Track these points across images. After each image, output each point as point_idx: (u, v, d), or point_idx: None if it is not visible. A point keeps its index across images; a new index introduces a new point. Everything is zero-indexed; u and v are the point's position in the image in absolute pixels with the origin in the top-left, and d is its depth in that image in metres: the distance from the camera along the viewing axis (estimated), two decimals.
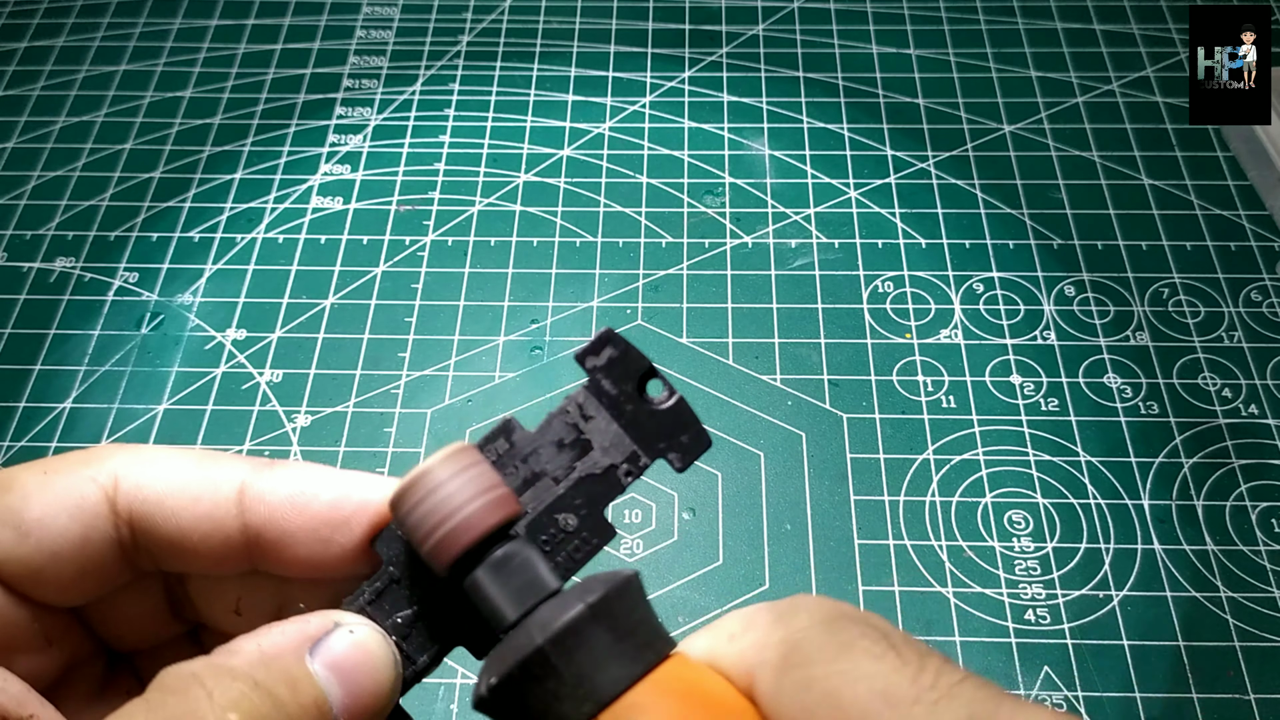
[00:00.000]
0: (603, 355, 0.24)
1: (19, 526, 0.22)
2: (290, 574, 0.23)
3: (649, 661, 0.20)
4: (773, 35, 0.53)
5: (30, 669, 0.22)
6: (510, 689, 0.20)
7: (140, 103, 0.51)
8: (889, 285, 0.43)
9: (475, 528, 0.21)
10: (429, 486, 0.21)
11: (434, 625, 0.23)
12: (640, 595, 0.22)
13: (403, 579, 0.23)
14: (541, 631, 0.20)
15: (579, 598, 0.21)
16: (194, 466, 0.23)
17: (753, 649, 0.20)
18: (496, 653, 0.21)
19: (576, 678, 0.20)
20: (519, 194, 0.47)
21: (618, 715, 0.20)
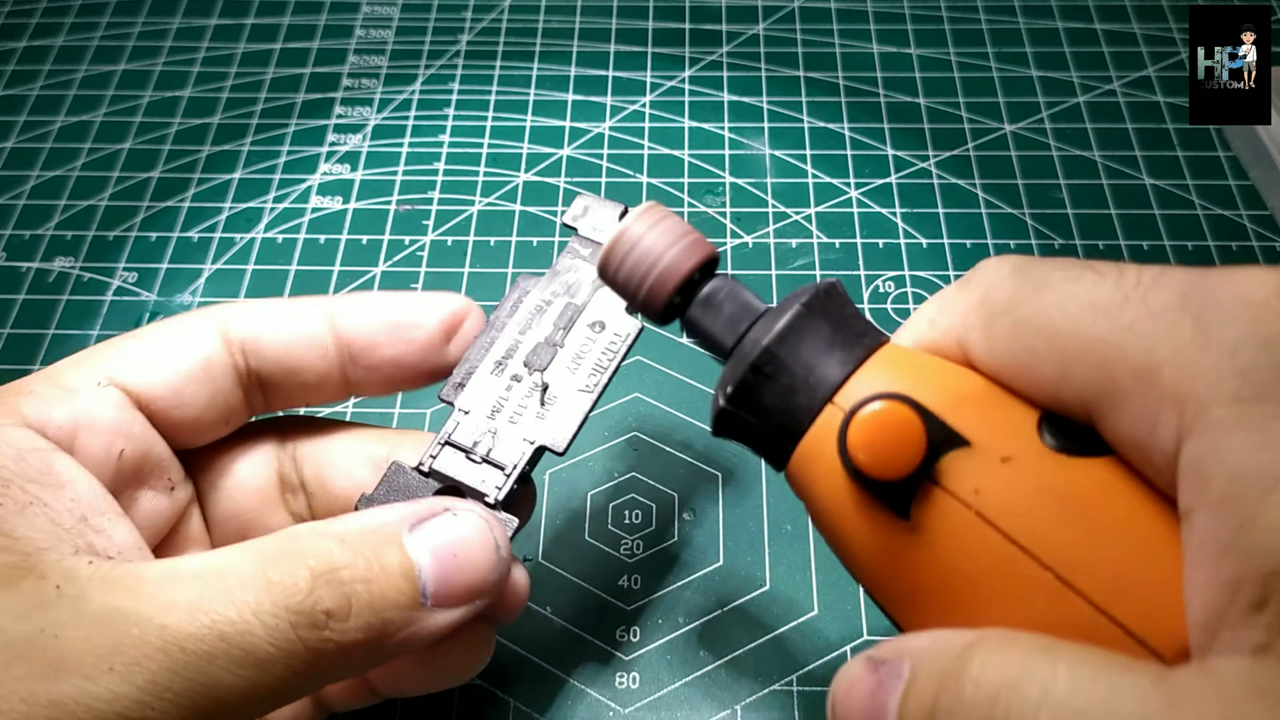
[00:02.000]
0: (583, 210, 0.29)
1: (156, 351, 0.25)
2: (379, 378, 0.27)
3: (868, 347, 0.22)
4: (773, 35, 0.53)
5: (151, 507, 0.25)
6: (747, 392, 0.22)
7: (139, 102, 0.51)
8: (890, 285, 0.43)
9: (680, 269, 0.23)
10: (631, 241, 0.24)
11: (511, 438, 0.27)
12: (846, 297, 0.23)
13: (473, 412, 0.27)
14: (766, 334, 0.22)
15: (792, 303, 0.22)
16: (286, 302, 0.27)
17: (955, 322, 0.21)
18: (727, 370, 0.23)
19: (806, 369, 0.21)
20: (519, 194, 0.47)
21: (850, 396, 0.21)
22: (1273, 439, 0.15)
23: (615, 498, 0.37)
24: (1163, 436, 0.17)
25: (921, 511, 0.19)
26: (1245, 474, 0.15)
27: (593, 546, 0.35)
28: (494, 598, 0.24)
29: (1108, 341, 0.18)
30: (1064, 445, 0.19)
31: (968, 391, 0.20)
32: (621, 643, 0.33)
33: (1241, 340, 0.16)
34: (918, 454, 0.19)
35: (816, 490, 0.21)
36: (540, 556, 0.35)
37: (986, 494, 0.19)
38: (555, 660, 0.33)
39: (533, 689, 0.32)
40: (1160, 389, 0.17)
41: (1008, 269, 0.20)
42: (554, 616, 0.34)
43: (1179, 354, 0.17)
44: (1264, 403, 0.16)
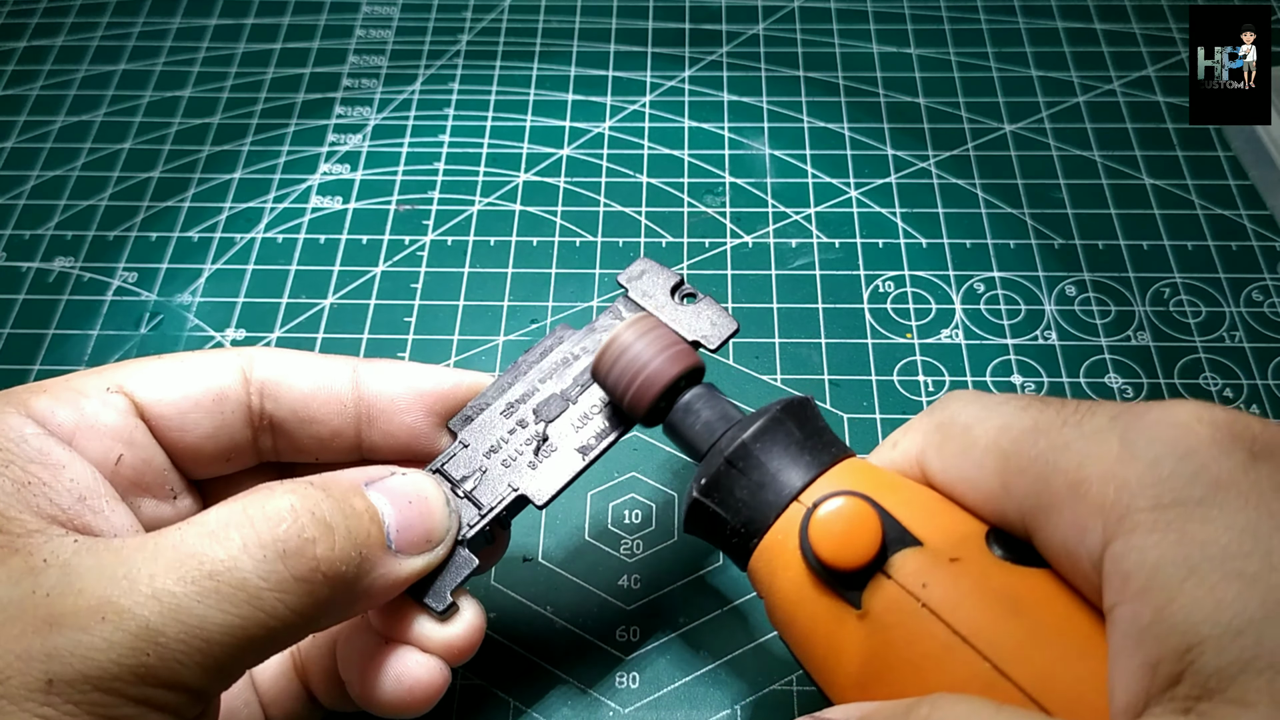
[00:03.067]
0: (639, 273, 0.30)
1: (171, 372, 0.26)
2: (393, 444, 0.28)
3: (835, 456, 0.24)
4: (773, 35, 0.53)
5: (154, 515, 0.25)
6: (719, 485, 0.24)
7: (139, 102, 0.51)
8: (890, 285, 0.43)
9: (663, 377, 0.25)
10: (621, 348, 0.26)
11: (497, 480, 0.27)
12: (817, 412, 0.25)
13: (472, 446, 0.27)
14: (743, 432, 0.24)
15: (767, 411, 0.24)
16: (313, 354, 0.28)
17: (914, 443, 0.23)
18: (702, 465, 0.25)
19: (776, 468, 0.23)
20: (519, 193, 0.47)
21: (814, 495, 0.22)
22: (1187, 537, 0.17)
23: (615, 498, 0.37)
24: (1090, 544, 0.18)
25: (873, 601, 0.21)
26: (1162, 567, 0.17)
27: (593, 546, 0.35)
28: (448, 549, 0.25)
29: (1044, 459, 0.20)
30: (1008, 555, 0.21)
31: (923, 501, 0.22)
32: (621, 643, 0.33)
33: (1161, 455, 0.18)
34: (873, 547, 0.21)
35: (776, 582, 0.22)
36: (540, 556, 0.35)
37: (934, 588, 0.20)
38: (555, 660, 0.33)
39: (533, 689, 0.32)
40: (1088, 500, 0.18)
41: (966, 399, 0.22)
42: (554, 616, 0.34)
43: (1106, 467, 0.18)
44: (1180, 506, 0.17)
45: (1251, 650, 0.15)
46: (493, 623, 0.34)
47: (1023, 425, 0.20)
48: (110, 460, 0.24)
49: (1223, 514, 0.17)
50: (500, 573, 0.35)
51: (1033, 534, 0.20)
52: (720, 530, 0.24)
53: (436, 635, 0.25)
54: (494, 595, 0.34)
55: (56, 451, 0.23)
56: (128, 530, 0.23)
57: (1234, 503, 0.17)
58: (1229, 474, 0.17)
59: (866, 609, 0.21)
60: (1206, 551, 0.16)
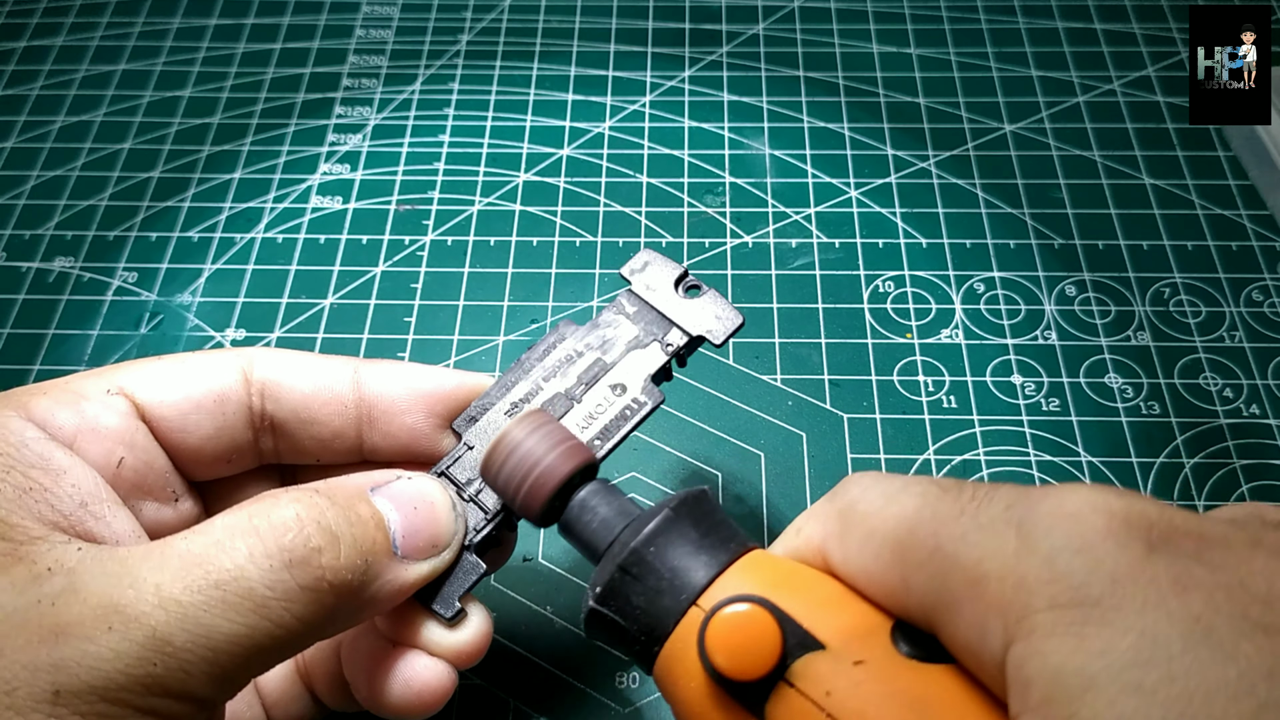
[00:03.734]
0: (642, 265, 0.29)
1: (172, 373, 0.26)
2: (394, 445, 0.27)
3: (734, 552, 0.22)
4: (773, 35, 0.53)
5: (155, 518, 0.25)
6: (615, 593, 0.23)
7: (139, 102, 0.51)
8: (890, 285, 0.43)
9: (556, 474, 0.24)
10: (510, 447, 0.25)
11: None
12: (715, 504, 0.24)
13: (477, 447, 0.27)
14: (634, 537, 0.23)
15: (660, 509, 0.23)
16: (315, 355, 0.27)
17: (816, 530, 0.22)
18: (597, 571, 0.24)
19: (672, 571, 0.22)
20: (519, 193, 0.47)
21: (713, 598, 0.22)
22: (1085, 643, 0.16)
23: None
24: (991, 643, 0.18)
25: (776, 712, 0.20)
26: (1062, 677, 0.16)
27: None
28: (455, 554, 0.25)
29: (943, 552, 0.19)
30: (914, 652, 0.20)
31: (826, 596, 0.21)
32: None
33: (1057, 549, 0.17)
34: (773, 655, 0.20)
35: (679, 692, 0.22)
36: (540, 556, 0.35)
37: (838, 695, 0.19)
38: (555, 660, 0.33)
39: (533, 689, 0.32)
40: (987, 598, 0.18)
41: (866, 483, 0.22)
42: (554, 616, 0.34)
43: (1003, 563, 0.18)
44: (1077, 608, 0.17)
45: None
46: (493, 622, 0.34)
47: (921, 515, 0.20)
48: (112, 463, 0.24)
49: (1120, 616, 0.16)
50: (500, 573, 0.35)
51: (936, 630, 0.19)
52: (622, 637, 0.23)
53: (444, 641, 0.25)
54: (494, 595, 0.34)
55: (58, 456, 0.22)
56: (130, 535, 0.23)
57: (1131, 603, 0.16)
58: (1125, 569, 0.17)
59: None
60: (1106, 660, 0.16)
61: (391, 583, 0.23)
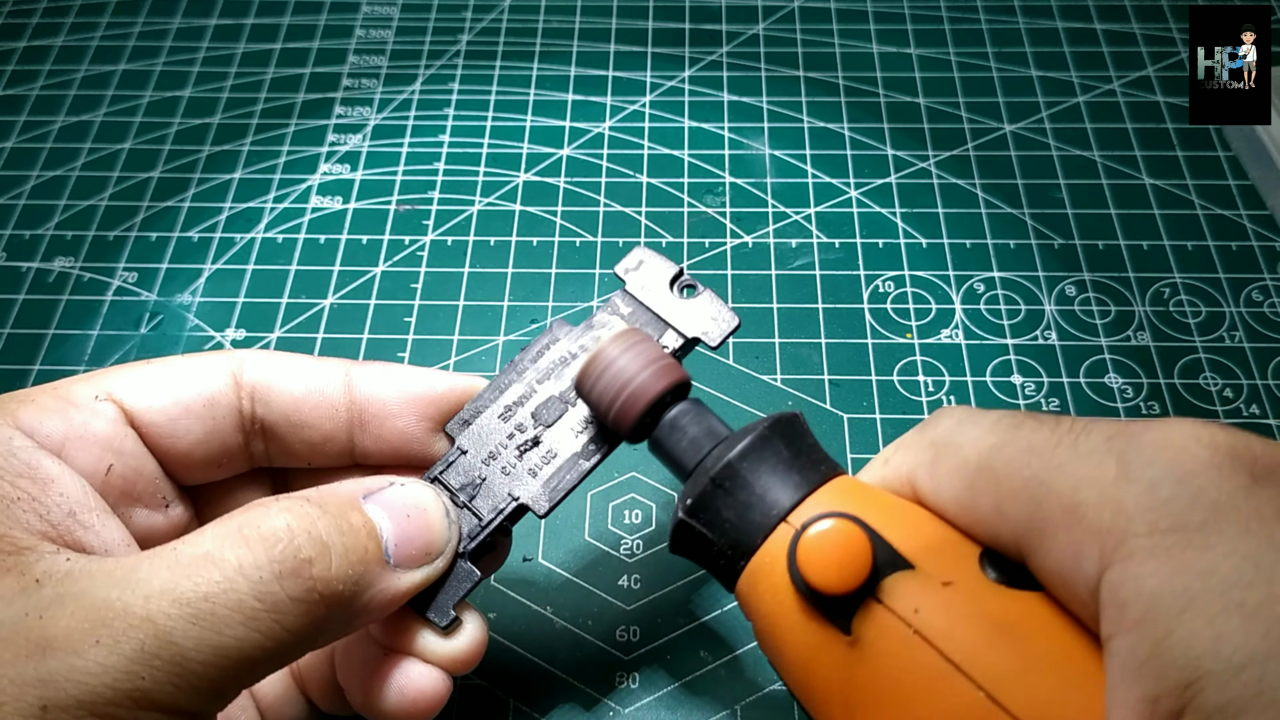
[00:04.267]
0: (637, 264, 0.29)
1: (161, 377, 0.25)
2: (385, 449, 0.27)
3: (824, 474, 0.23)
4: (773, 35, 0.53)
5: (146, 525, 0.25)
6: (705, 506, 0.23)
7: (139, 102, 0.51)
8: (889, 285, 0.43)
9: (648, 392, 0.24)
10: (605, 362, 0.25)
11: (497, 489, 0.26)
12: (806, 428, 0.24)
13: (471, 452, 0.27)
14: (729, 450, 0.23)
15: (755, 428, 0.23)
16: (306, 357, 0.27)
17: (906, 460, 0.22)
18: (688, 485, 0.24)
19: (763, 488, 0.22)
20: (519, 194, 0.47)
21: (802, 516, 0.22)
22: (1186, 565, 0.16)
23: (615, 498, 0.37)
24: (1086, 569, 0.18)
25: (863, 627, 0.20)
26: (1160, 598, 0.16)
27: (593, 546, 0.35)
28: (448, 562, 0.25)
29: (1039, 480, 0.19)
30: (1002, 578, 0.20)
31: (915, 521, 0.22)
32: (621, 643, 0.33)
33: (1159, 478, 0.17)
34: (863, 571, 0.20)
35: (764, 606, 0.22)
36: (540, 556, 0.35)
37: (926, 614, 0.20)
38: (555, 660, 0.33)
39: (533, 689, 0.32)
40: (1084, 524, 0.18)
41: (958, 416, 0.22)
42: (554, 616, 0.34)
43: (1102, 491, 0.18)
44: (1178, 532, 0.17)
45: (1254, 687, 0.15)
46: (493, 623, 0.34)
47: (1016, 445, 0.20)
48: (101, 471, 0.23)
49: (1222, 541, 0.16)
50: (500, 573, 0.35)
51: (1027, 557, 0.19)
52: (707, 551, 0.23)
53: (439, 649, 0.25)
54: (494, 595, 0.34)
55: (45, 464, 0.22)
56: (120, 544, 0.22)
57: (1234, 529, 0.16)
58: (1229, 498, 0.17)
59: (857, 635, 0.20)
60: (1206, 581, 0.16)
61: (384, 592, 0.23)
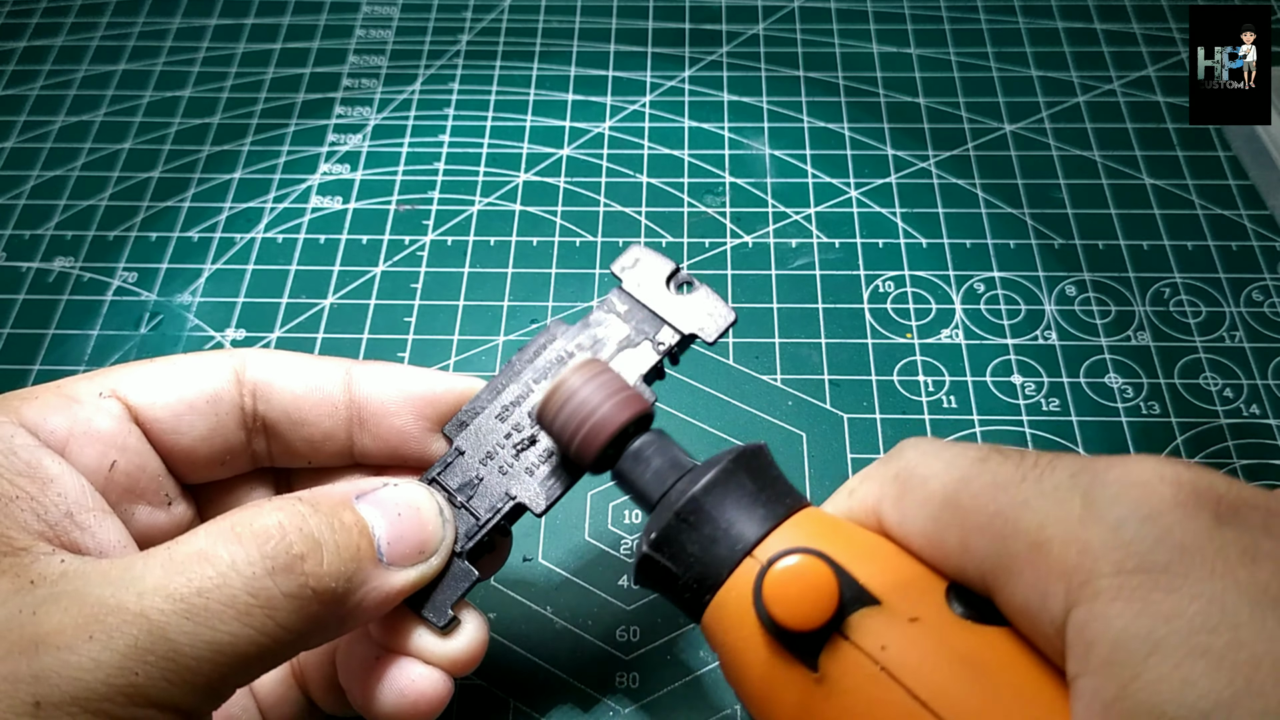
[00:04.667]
0: (632, 262, 0.29)
1: (164, 375, 0.25)
2: (384, 448, 0.27)
3: (789, 507, 0.23)
4: (773, 35, 0.53)
5: (148, 522, 0.25)
6: (670, 540, 0.23)
7: (139, 102, 0.51)
8: (890, 285, 0.43)
9: (612, 423, 0.24)
10: (566, 394, 0.25)
11: (494, 488, 0.26)
12: (770, 460, 0.24)
13: (469, 453, 0.27)
14: (693, 485, 0.23)
15: (719, 460, 0.23)
16: (307, 356, 0.27)
17: (871, 492, 0.22)
18: (652, 518, 0.24)
19: (728, 521, 0.22)
20: (519, 194, 0.47)
21: (768, 550, 0.22)
22: (1151, 608, 0.16)
23: (615, 498, 0.37)
24: (1051, 607, 0.18)
25: (830, 664, 0.20)
26: (1126, 640, 0.16)
27: (593, 546, 0.35)
28: (443, 560, 0.25)
29: (1004, 516, 0.19)
30: (969, 613, 0.20)
31: (881, 556, 0.21)
32: (621, 643, 0.33)
33: (1124, 517, 0.17)
34: (829, 607, 0.20)
35: (729, 640, 0.22)
36: (540, 556, 0.35)
37: (893, 650, 0.19)
38: (555, 660, 0.33)
39: (533, 689, 0.32)
40: (1050, 562, 0.18)
41: (924, 448, 0.22)
42: (554, 616, 0.34)
43: (1067, 529, 0.18)
44: (1144, 574, 0.17)
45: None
46: (493, 623, 0.34)
47: (981, 480, 0.20)
48: (104, 467, 0.24)
49: (1188, 583, 0.16)
50: (500, 573, 0.35)
51: (993, 593, 0.19)
52: (672, 585, 0.23)
53: (438, 649, 0.25)
54: (494, 595, 0.34)
55: (46, 463, 0.22)
56: (117, 546, 0.22)
57: (1199, 571, 0.16)
58: (1194, 539, 0.17)
59: (823, 673, 0.20)
60: (1172, 625, 0.16)
61: (377, 590, 0.23)
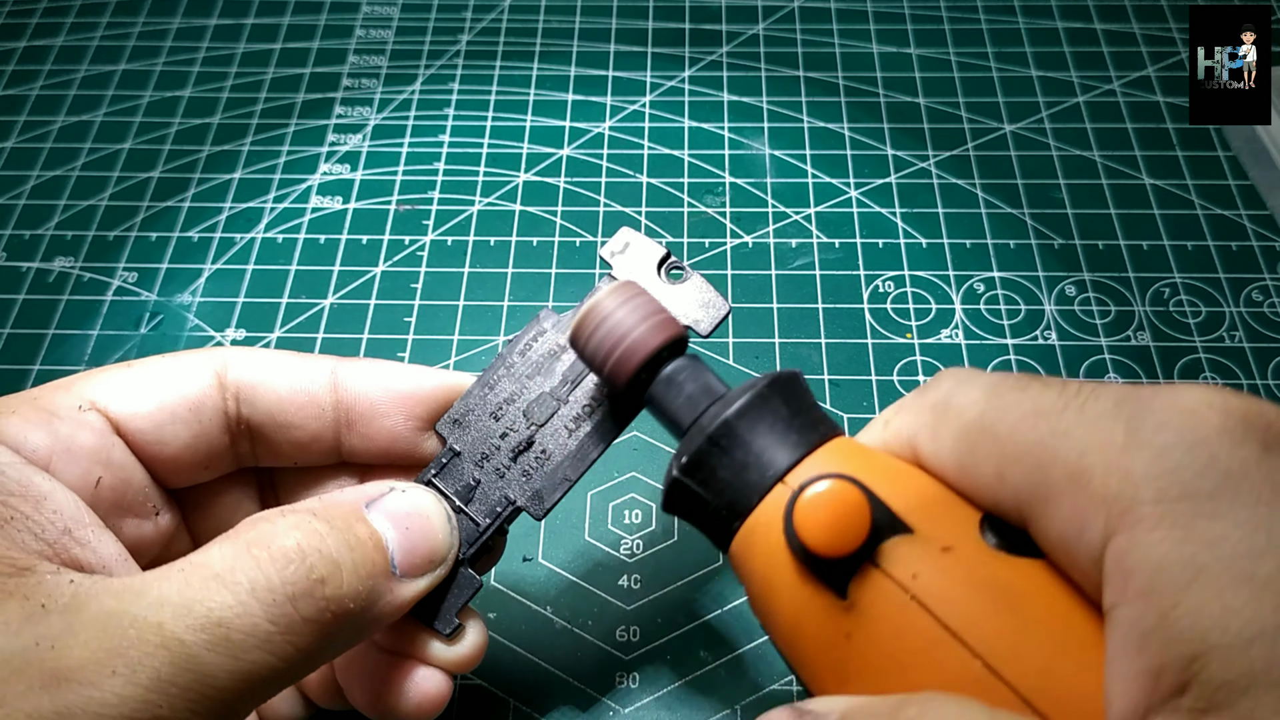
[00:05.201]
0: (622, 246, 0.28)
1: (144, 382, 0.25)
2: (372, 448, 0.27)
3: (823, 434, 0.22)
4: (773, 35, 0.53)
5: (136, 535, 0.25)
6: (701, 464, 0.22)
7: (139, 102, 0.51)
8: (889, 285, 0.43)
9: (645, 346, 0.24)
10: (601, 315, 0.24)
11: (492, 492, 0.26)
12: (805, 387, 0.23)
13: (464, 453, 0.26)
14: (726, 408, 0.22)
15: (753, 385, 0.23)
16: (291, 355, 0.26)
17: (906, 422, 0.22)
18: (683, 443, 0.23)
19: (760, 447, 0.22)
20: (519, 193, 0.47)
21: (800, 477, 0.21)
22: (1195, 534, 0.16)
23: (615, 498, 0.37)
24: (1090, 537, 0.17)
25: (859, 592, 0.20)
26: (1167, 567, 0.16)
27: (593, 546, 0.35)
28: (449, 568, 0.25)
29: (1043, 445, 0.18)
30: (1003, 544, 0.20)
31: (915, 485, 0.21)
32: (621, 643, 0.33)
33: (1170, 444, 0.17)
34: (861, 534, 0.19)
35: (757, 568, 0.21)
36: (540, 556, 0.35)
37: (924, 579, 0.19)
38: (555, 660, 0.33)
39: (533, 689, 0.32)
40: (1090, 491, 0.17)
41: (961, 377, 0.21)
42: (554, 616, 0.34)
43: (1109, 457, 0.17)
44: (1188, 500, 0.16)
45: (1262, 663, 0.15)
46: (493, 623, 0.34)
47: (1021, 408, 0.19)
48: (90, 483, 0.23)
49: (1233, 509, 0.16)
50: (500, 573, 0.35)
51: (1029, 524, 0.19)
52: (701, 511, 0.22)
53: (443, 653, 0.25)
54: (494, 595, 0.34)
55: (37, 481, 0.21)
56: (115, 559, 0.22)
57: (1246, 498, 0.16)
58: (1241, 466, 0.16)
59: (853, 600, 0.20)
60: (1215, 551, 0.15)
61: (391, 602, 0.23)
